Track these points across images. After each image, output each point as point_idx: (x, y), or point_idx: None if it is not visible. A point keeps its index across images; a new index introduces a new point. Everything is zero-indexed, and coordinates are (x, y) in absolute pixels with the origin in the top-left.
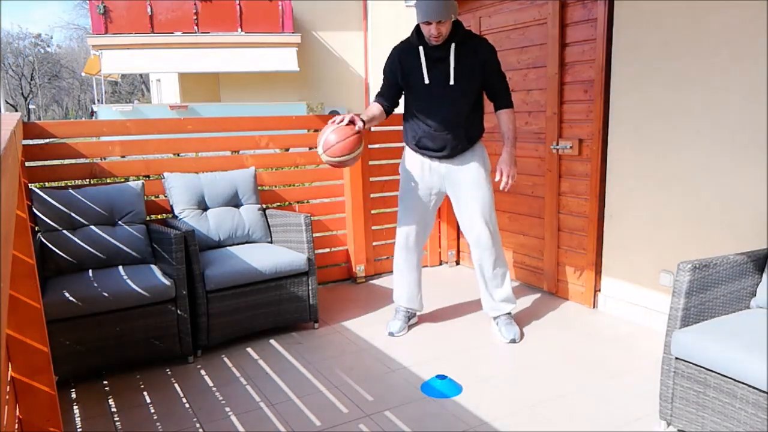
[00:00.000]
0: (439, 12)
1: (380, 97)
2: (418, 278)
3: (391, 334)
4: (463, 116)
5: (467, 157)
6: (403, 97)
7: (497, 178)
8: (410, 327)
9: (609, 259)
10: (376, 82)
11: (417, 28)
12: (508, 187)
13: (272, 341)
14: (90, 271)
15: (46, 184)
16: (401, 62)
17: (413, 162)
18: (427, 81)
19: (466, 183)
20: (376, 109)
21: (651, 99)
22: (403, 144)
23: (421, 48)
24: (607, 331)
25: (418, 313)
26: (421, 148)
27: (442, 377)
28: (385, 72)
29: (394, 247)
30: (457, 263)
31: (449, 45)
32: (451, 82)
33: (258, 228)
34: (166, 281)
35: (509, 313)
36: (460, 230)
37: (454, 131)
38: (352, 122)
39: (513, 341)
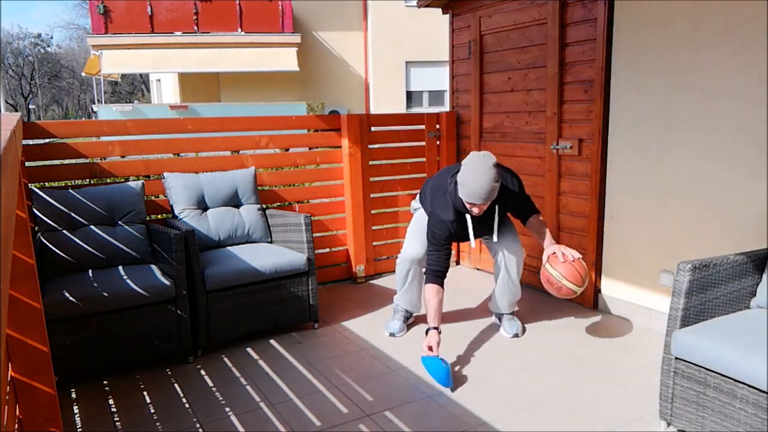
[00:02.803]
0: (486, 198)
1: (438, 276)
2: (422, 288)
3: (391, 334)
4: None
5: None
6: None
7: (561, 259)
8: (409, 327)
9: (609, 259)
10: (376, 82)
11: (456, 192)
12: (571, 256)
13: (272, 341)
14: (90, 271)
15: (46, 184)
16: (452, 231)
17: None
18: (473, 245)
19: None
20: (440, 295)
21: (651, 99)
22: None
23: (468, 217)
24: (607, 331)
25: (415, 314)
26: None
27: (446, 363)
28: (437, 239)
29: (400, 255)
30: (457, 263)
31: (493, 211)
32: (495, 239)
33: (258, 228)
34: (166, 281)
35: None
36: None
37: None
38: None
39: (516, 336)
